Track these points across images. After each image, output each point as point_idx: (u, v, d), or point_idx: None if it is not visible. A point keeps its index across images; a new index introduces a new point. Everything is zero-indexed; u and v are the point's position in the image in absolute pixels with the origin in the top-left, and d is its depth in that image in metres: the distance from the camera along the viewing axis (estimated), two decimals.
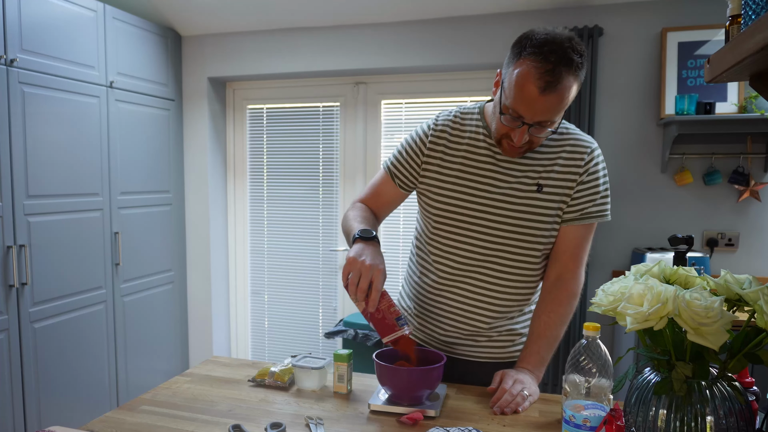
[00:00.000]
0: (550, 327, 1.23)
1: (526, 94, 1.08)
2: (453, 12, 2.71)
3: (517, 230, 1.23)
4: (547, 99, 1.07)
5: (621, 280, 0.83)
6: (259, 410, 1.16)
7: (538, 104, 1.08)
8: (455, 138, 1.28)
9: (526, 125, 1.12)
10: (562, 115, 1.15)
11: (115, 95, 2.64)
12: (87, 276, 2.51)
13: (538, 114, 1.10)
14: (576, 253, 1.25)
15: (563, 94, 1.08)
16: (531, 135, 1.14)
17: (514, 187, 1.23)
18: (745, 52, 0.70)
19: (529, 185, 1.22)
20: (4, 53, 2.10)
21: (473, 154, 1.26)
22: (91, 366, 2.55)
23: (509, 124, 1.14)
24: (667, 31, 2.46)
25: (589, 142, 1.25)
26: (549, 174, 1.22)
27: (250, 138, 3.30)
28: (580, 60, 1.08)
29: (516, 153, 1.20)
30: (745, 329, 0.76)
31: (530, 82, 1.07)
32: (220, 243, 3.31)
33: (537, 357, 1.22)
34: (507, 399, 1.13)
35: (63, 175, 2.37)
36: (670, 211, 2.56)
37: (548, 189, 1.22)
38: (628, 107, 2.57)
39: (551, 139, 1.25)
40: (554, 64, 1.06)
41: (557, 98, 1.08)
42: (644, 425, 0.76)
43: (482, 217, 1.24)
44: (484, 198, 1.24)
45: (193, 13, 2.93)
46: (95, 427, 1.07)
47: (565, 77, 1.06)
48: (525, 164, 1.23)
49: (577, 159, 1.22)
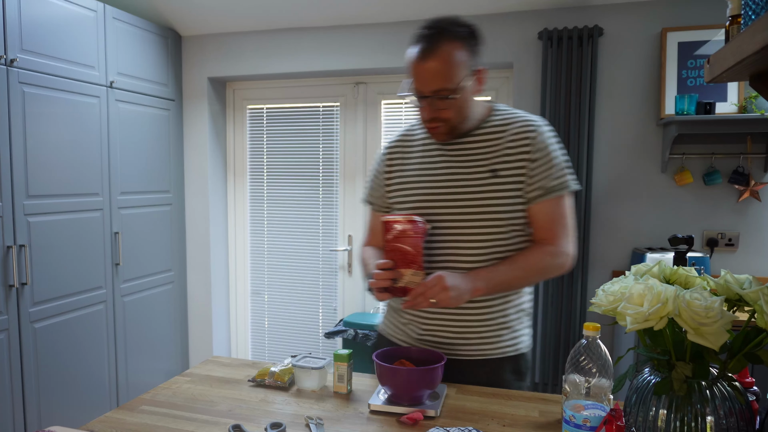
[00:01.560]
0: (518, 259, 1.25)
1: (414, 69, 1.19)
2: (453, 12, 2.70)
3: (480, 216, 1.27)
4: (428, 65, 1.16)
5: (621, 280, 0.83)
6: (259, 410, 1.16)
7: (422, 72, 1.17)
8: (408, 150, 1.37)
9: (426, 98, 1.20)
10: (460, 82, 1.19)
11: (116, 95, 2.64)
12: (87, 276, 2.51)
13: (427, 82, 1.18)
14: (552, 228, 1.27)
15: (444, 57, 1.16)
16: (437, 108, 1.21)
17: (469, 177, 1.28)
18: (745, 52, 0.70)
19: (484, 172, 1.27)
20: (4, 53, 2.10)
21: (427, 157, 1.33)
22: (91, 366, 2.55)
23: (419, 104, 1.23)
24: (667, 31, 2.46)
25: (534, 120, 1.30)
26: (501, 158, 1.27)
27: (250, 138, 3.30)
28: (456, 29, 1.18)
29: (440, 134, 1.27)
30: (745, 329, 0.76)
31: (413, 57, 1.18)
32: (220, 243, 3.31)
33: (489, 272, 1.23)
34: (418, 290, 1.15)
35: (63, 175, 2.37)
36: (670, 211, 2.56)
37: (503, 172, 1.26)
38: (628, 107, 2.57)
39: (497, 125, 1.30)
40: (428, 34, 1.17)
41: (439, 63, 1.16)
42: (644, 425, 0.76)
43: (447, 212, 1.29)
44: (445, 193, 1.29)
45: (193, 13, 2.93)
46: (95, 427, 1.07)
47: (441, 43, 1.16)
48: (475, 153, 1.29)
49: (524, 139, 1.27)
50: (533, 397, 1.23)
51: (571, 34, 2.53)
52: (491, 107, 1.35)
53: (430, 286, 1.14)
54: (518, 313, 1.36)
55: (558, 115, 2.57)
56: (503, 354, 1.34)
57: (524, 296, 1.38)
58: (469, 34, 1.20)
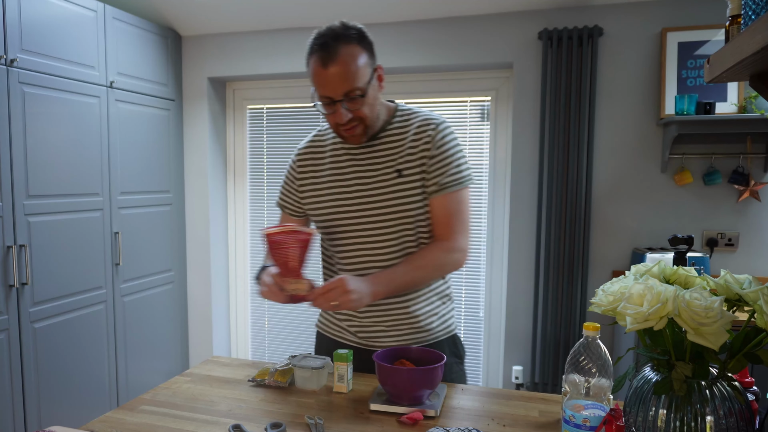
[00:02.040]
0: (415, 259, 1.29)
1: (318, 76, 1.22)
2: (453, 12, 2.71)
3: (389, 216, 1.31)
4: (333, 70, 1.20)
5: (621, 280, 0.83)
6: (259, 410, 1.16)
7: (330, 78, 1.20)
8: (319, 156, 1.41)
9: (338, 102, 1.23)
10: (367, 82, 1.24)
11: (115, 95, 2.64)
12: (87, 276, 2.51)
13: (336, 86, 1.21)
14: (447, 222, 1.31)
15: (347, 60, 1.20)
16: (350, 110, 1.24)
17: (376, 179, 1.32)
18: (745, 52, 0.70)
19: (389, 173, 1.31)
20: (4, 53, 2.10)
21: (337, 163, 1.37)
22: (91, 366, 2.55)
23: (327, 110, 1.26)
24: (667, 31, 2.46)
25: (434, 119, 1.34)
26: (405, 158, 1.31)
27: (250, 138, 3.31)
28: (349, 32, 1.22)
29: (356, 137, 1.29)
30: (745, 329, 0.76)
31: (316, 65, 1.21)
32: (220, 243, 3.31)
33: (389, 275, 1.25)
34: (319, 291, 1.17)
35: (63, 175, 2.37)
36: (670, 211, 2.56)
37: (407, 171, 1.31)
38: (628, 107, 2.57)
39: (399, 126, 1.34)
40: (324, 42, 1.21)
41: (343, 66, 1.20)
42: (644, 425, 0.76)
43: (357, 215, 1.34)
44: (354, 197, 1.34)
45: (193, 13, 2.93)
46: (95, 427, 1.07)
47: (339, 47, 1.20)
48: (381, 155, 1.33)
49: (424, 136, 1.31)
50: (533, 397, 1.23)
51: (571, 34, 2.53)
52: (394, 108, 1.39)
53: (332, 288, 1.16)
54: (443, 299, 1.44)
55: (558, 115, 2.57)
56: (437, 339, 1.41)
57: (447, 282, 1.46)
58: (360, 36, 1.24)
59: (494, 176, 2.89)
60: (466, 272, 2.98)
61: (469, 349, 3.02)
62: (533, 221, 2.71)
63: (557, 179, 2.59)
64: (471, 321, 3.00)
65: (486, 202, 2.91)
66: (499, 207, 2.89)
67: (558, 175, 2.59)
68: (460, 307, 3.01)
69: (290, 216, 1.47)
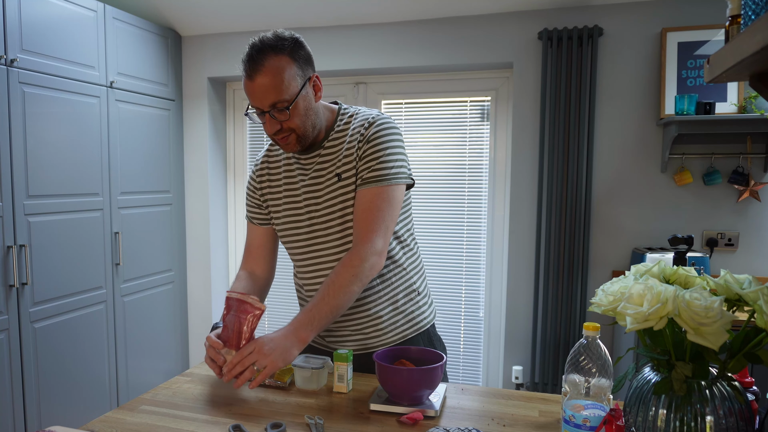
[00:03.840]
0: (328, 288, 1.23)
1: (247, 89, 1.22)
2: (453, 12, 2.71)
3: (334, 222, 1.32)
4: (259, 82, 1.19)
5: (621, 280, 0.83)
6: (259, 410, 1.16)
7: (256, 89, 1.20)
8: (275, 167, 1.41)
9: (266, 113, 1.22)
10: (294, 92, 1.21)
11: (116, 95, 2.64)
12: (87, 276, 2.51)
13: (262, 98, 1.20)
14: (363, 218, 1.26)
15: (272, 72, 1.19)
16: (279, 121, 1.23)
17: (322, 185, 1.32)
18: (745, 52, 0.70)
19: (331, 178, 1.32)
20: (4, 53, 2.10)
21: (289, 173, 1.38)
22: (91, 366, 2.55)
23: (259, 120, 1.26)
24: (667, 31, 2.46)
25: (370, 116, 1.32)
26: (342, 161, 1.31)
27: (250, 138, 3.30)
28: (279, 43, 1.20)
29: (289, 146, 1.28)
30: (744, 329, 0.76)
31: (244, 77, 1.22)
32: (220, 243, 3.31)
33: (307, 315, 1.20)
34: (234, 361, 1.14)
35: (63, 175, 2.37)
36: (670, 211, 2.56)
37: (345, 174, 1.30)
38: (627, 107, 2.57)
39: (340, 130, 1.33)
40: (250, 54, 1.20)
41: (268, 78, 1.19)
42: (644, 425, 0.76)
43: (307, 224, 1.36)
44: (304, 206, 1.35)
45: (193, 13, 2.93)
46: (95, 427, 1.07)
47: (266, 59, 1.19)
48: (324, 161, 1.33)
49: (357, 135, 1.30)
50: (533, 397, 1.23)
51: (571, 34, 2.53)
52: (337, 111, 1.37)
53: (246, 354, 1.13)
54: (409, 294, 1.40)
55: (558, 115, 2.57)
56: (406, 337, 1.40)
57: (413, 277, 1.41)
58: (293, 45, 1.22)
59: (494, 176, 2.89)
60: (466, 272, 2.99)
61: (469, 349, 3.02)
62: (533, 221, 2.71)
63: (557, 179, 2.59)
64: (471, 321, 3.00)
65: (486, 202, 2.91)
66: (499, 207, 2.89)
67: (558, 175, 2.59)
68: (460, 307, 3.00)
69: (259, 226, 1.46)
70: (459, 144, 2.93)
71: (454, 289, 3.00)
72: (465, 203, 2.94)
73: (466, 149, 2.92)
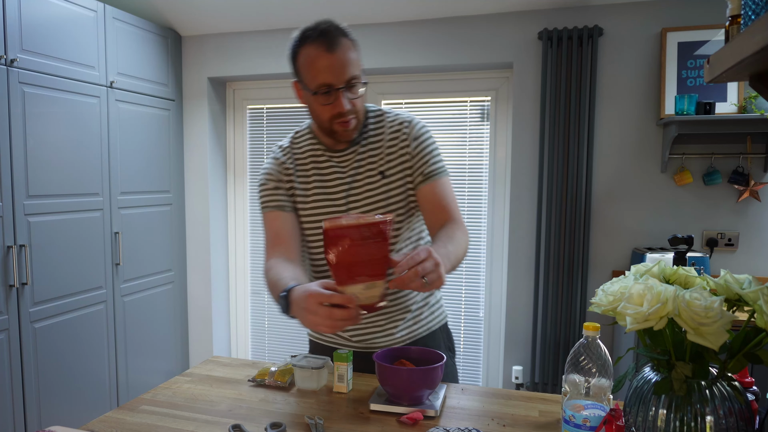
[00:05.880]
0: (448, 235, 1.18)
1: (320, 61, 1.18)
2: (453, 12, 2.71)
3: None
4: (337, 55, 1.18)
5: (621, 280, 0.83)
6: (259, 410, 1.16)
7: (334, 62, 1.18)
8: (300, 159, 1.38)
9: (340, 90, 1.20)
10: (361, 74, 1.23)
11: (116, 95, 2.64)
12: (87, 276, 2.51)
13: (341, 71, 1.18)
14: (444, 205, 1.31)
15: (347, 48, 1.19)
16: (351, 99, 1.22)
17: (363, 182, 1.32)
18: (745, 52, 0.70)
19: (374, 176, 1.32)
20: (4, 53, 2.10)
21: (320, 168, 1.35)
22: (91, 366, 2.55)
23: (327, 100, 1.21)
24: (667, 31, 2.46)
25: (405, 116, 1.36)
26: (386, 159, 1.32)
27: (250, 138, 3.30)
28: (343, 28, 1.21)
29: (348, 131, 1.26)
30: (744, 329, 0.76)
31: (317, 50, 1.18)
32: (220, 243, 3.31)
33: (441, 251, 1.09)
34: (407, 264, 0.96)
35: (63, 175, 2.37)
36: (670, 211, 2.56)
37: (390, 172, 1.32)
38: (628, 107, 2.57)
39: (373, 128, 1.34)
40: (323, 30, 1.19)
41: (344, 53, 1.18)
42: (644, 425, 0.76)
43: None
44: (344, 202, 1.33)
45: (193, 13, 2.93)
46: (95, 427, 1.07)
47: (339, 37, 1.19)
48: (363, 159, 1.33)
49: (400, 135, 1.33)
50: (533, 397, 1.23)
51: (571, 34, 2.53)
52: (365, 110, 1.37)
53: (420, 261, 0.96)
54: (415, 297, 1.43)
55: (558, 115, 2.57)
56: (430, 330, 1.43)
57: None
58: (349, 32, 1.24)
59: (494, 176, 2.89)
60: (466, 272, 2.99)
61: (469, 349, 3.02)
62: (533, 221, 2.71)
63: (557, 179, 2.59)
64: (471, 321, 3.00)
65: (486, 202, 2.91)
66: (499, 207, 2.89)
67: (558, 175, 2.59)
68: (460, 307, 3.00)
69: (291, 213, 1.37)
70: (459, 144, 2.93)
71: (454, 288, 3.00)
72: (465, 203, 2.94)
73: (466, 149, 2.92)
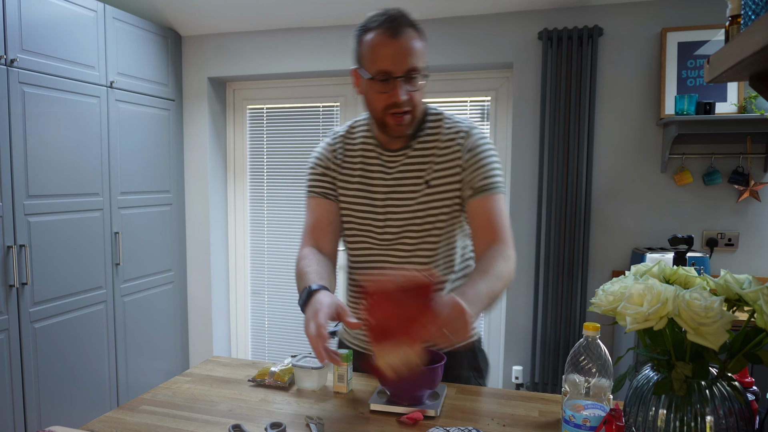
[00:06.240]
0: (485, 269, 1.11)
1: (382, 48, 1.14)
2: (453, 12, 2.71)
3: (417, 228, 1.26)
4: (400, 42, 1.14)
5: (621, 280, 0.83)
6: (259, 410, 1.16)
7: (396, 49, 1.14)
8: (350, 150, 1.33)
9: (398, 79, 1.15)
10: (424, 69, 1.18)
11: (116, 95, 2.64)
12: (87, 276, 2.51)
13: (403, 59, 1.14)
14: (491, 224, 1.21)
15: (411, 37, 1.15)
16: (408, 91, 1.17)
17: (406, 189, 1.27)
18: (745, 52, 0.70)
19: (419, 184, 1.26)
20: (4, 53, 2.10)
21: (366, 164, 1.31)
22: (91, 366, 2.55)
23: (384, 89, 1.17)
24: (667, 31, 2.46)
25: (464, 125, 1.28)
26: (434, 167, 1.25)
27: (250, 138, 3.31)
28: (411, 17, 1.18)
29: (402, 126, 1.20)
30: (744, 329, 0.76)
31: (381, 36, 1.15)
32: (220, 243, 3.31)
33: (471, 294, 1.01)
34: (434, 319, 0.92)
35: (63, 175, 2.37)
36: (670, 211, 2.56)
37: (435, 182, 1.25)
38: (627, 107, 2.57)
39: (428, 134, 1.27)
40: (390, 17, 1.16)
41: (407, 41, 1.14)
42: (644, 425, 0.76)
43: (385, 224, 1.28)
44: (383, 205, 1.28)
45: (193, 13, 2.93)
46: (95, 427, 1.07)
47: (405, 25, 1.15)
48: (411, 164, 1.27)
49: (454, 145, 1.25)
50: (533, 397, 1.23)
51: (571, 34, 2.53)
52: (425, 110, 1.30)
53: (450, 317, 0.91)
54: None
55: (558, 115, 2.57)
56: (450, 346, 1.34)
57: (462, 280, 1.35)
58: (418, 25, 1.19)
59: None
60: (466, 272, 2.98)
61: None
62: (533, 221, 2.71)
63: (557, 179, 2.59)
64: None
65: None
66: None
67: (558, 175, 2.59)
68: None
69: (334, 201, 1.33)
70: None
71: None
72: None
73: None
